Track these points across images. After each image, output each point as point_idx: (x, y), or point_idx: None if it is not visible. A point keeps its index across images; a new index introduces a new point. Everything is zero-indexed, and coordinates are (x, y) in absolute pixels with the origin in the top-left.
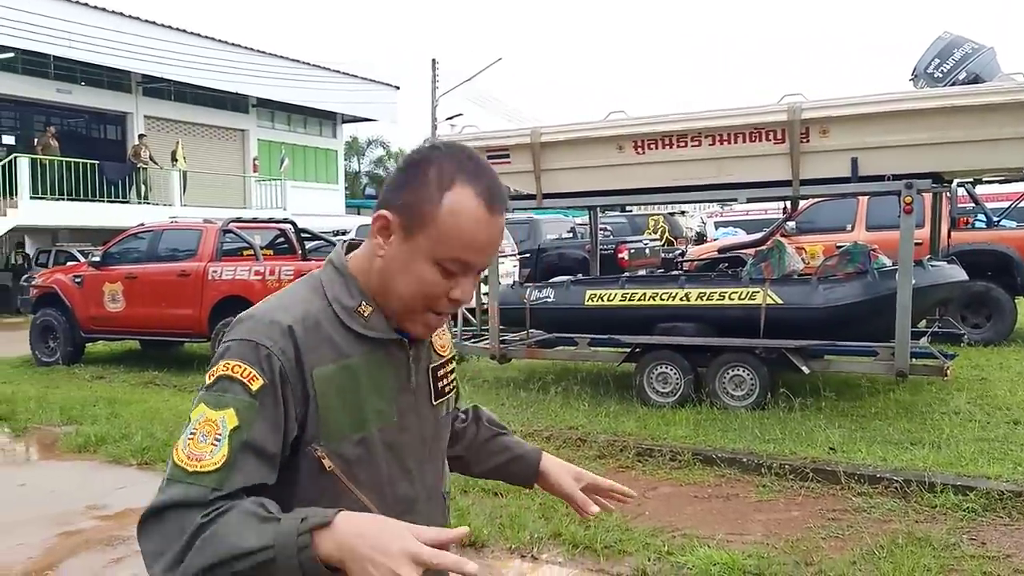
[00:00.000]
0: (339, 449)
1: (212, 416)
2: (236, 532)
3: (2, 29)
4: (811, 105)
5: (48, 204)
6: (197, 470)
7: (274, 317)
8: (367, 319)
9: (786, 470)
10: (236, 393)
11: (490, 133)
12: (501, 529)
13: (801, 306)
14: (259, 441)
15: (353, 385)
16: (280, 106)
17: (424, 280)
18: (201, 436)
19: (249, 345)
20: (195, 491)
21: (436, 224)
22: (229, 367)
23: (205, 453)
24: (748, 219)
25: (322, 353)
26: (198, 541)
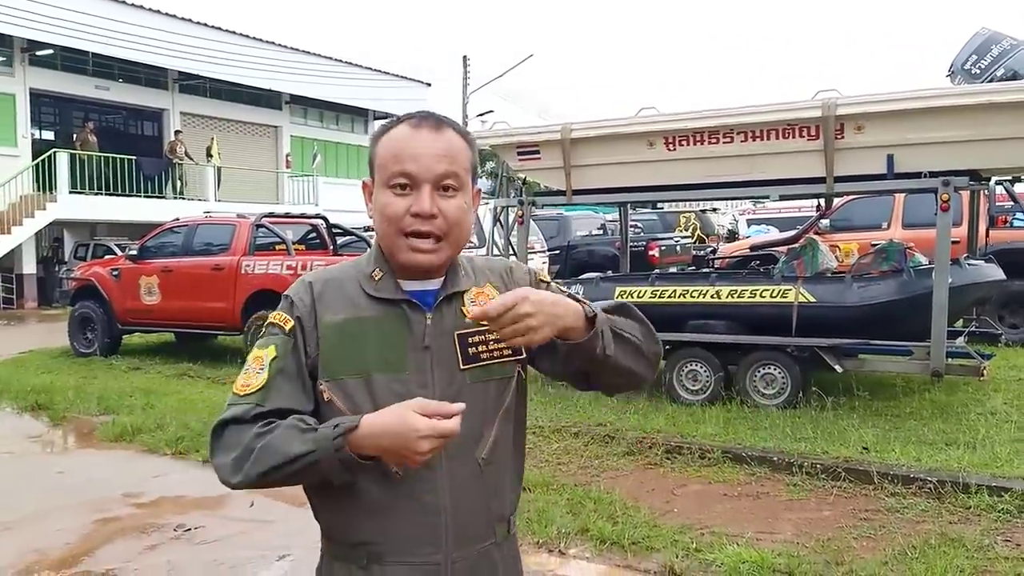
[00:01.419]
0: (341, 386)
1: (259, 353)
2: (285, 442)
3: (42, 26)
4: (846, 101)
5: (86, 198)
6: (246, 392)
7: (306, 277)
8: (377, 283)
9: (818, 469)
10: (276, 333)
11: (520, 129)
12: (529, 523)
13: (834, 304)
14: (291, 370)
15: (360, 334)
16: (313, 103)
17: (384, 206)
18: (251, 368)
19: (286, 299)
20: (242, 408)
21: (377, 158)
22: (274, 316)
23: (252, 379)
24: (781, 217)
25: (336, 307)
26: (255, 452)
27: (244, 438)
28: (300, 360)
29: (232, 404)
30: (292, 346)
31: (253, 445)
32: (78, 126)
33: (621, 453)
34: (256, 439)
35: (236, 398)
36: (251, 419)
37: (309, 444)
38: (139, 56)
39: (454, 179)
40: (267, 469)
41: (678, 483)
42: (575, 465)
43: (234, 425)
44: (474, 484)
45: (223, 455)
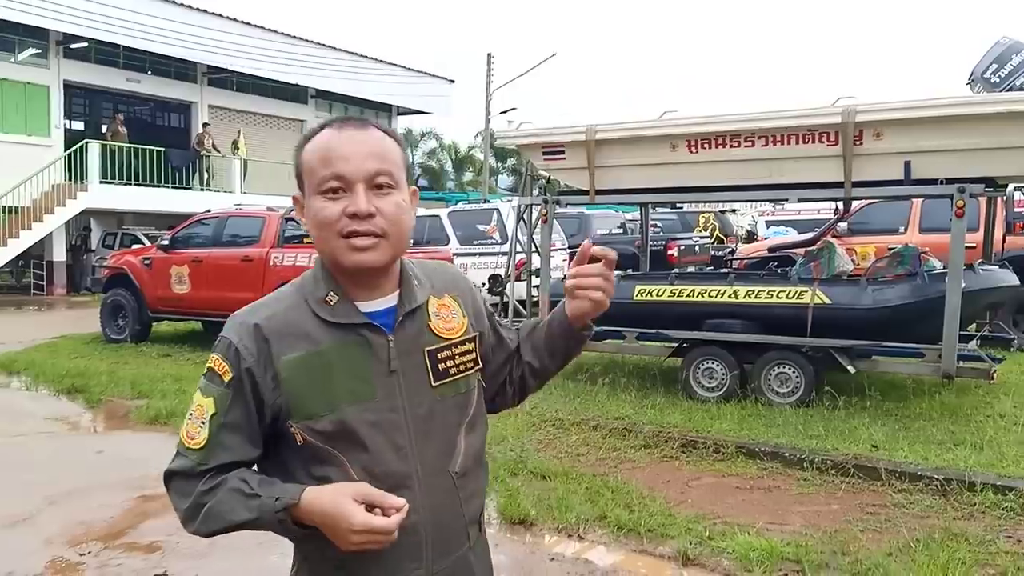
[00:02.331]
0: (314, 425)
1: (201, 402)
2: (228, 508)
3: (77, 20)
4: (866, 108)
5: (115, 188)
6: (190, 447)
7: (246, 318)
8: (333, 307)
9: (827, 465)
10: (216, 384)
11: (545, 130)
12: (549, 510)
13: (849, 306)
14: (233, 424)
15: (324, 368)
16: (338, 98)
17: (318, 212)
18: (195, 418)
19: (225, 342)
20: (188, 463)
21: (304, 166)
22: (212, 360)
23: (196, 433)
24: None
25: (291, 343)
26: (203, 511)
27: (192, 491)
28: (247, 409)
29: (180, 454)
30: (233, 399)
31: (200, 502)
32: (109, 117)
33: (638, 446)
34: (202, 496)
35: (182, 447)
36: (196, 475)
37: (254, 512)
38: (169, 50)
39: (387, 176)
40: (217, 530)
41: (693, 476)
42: (593, 456)
43: (180, 479)
44: (450, 498)
45: (179, 502)
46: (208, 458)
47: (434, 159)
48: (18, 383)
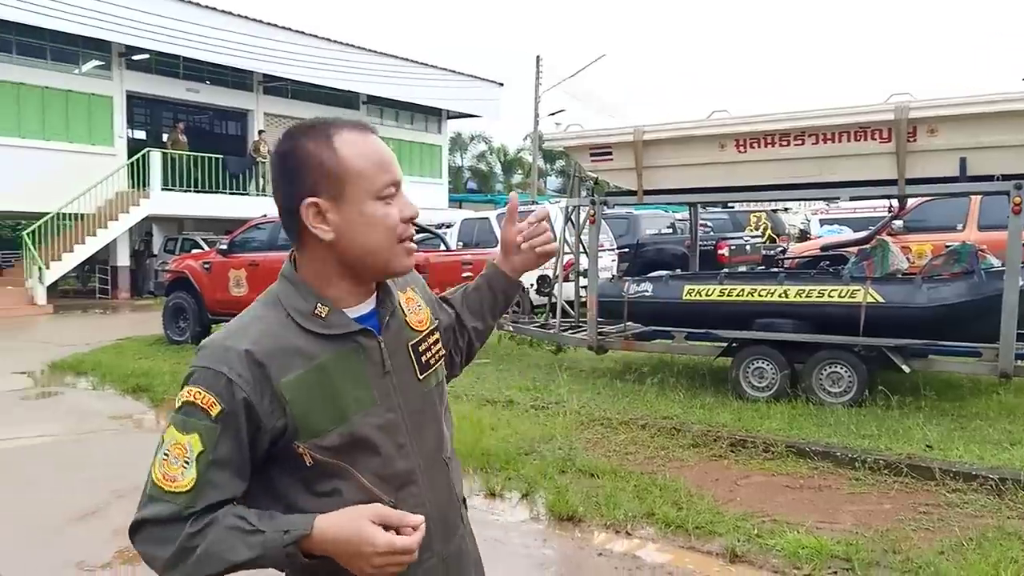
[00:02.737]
0: (321, 441)
1: (180, 440)
2: (227, 547)
3: (139, 32)
4: (919, 104)
5: (176, 195)
6: (171, 490)
7: (231, 344)
8: (325, 319)
9: (880, 465)
10: (199, 418)
11: (593, 131)
12: (597, 507)
13: (903, 305)
14: (224, 460)
15: (326, 382)
16: (388, 103)
17: (382, 217)
18: (173, 458)
19: (210, 373)
20: (171, 508)
21: (350, 170)
22: (192, 394)
23: (177, 475)
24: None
25: (287, 363)
26: (195, 554)
27: (175, 536)
28: (237, 443)
29: (156, 499)
30: (222, 434)
31: (188, 546)
32: (169, 126)
33: (687, 445)
34: (190, 539)
35: (159, 492)
36: (182, 519)
37: (257, 549)
38: (227, 60)
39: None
40: (212, 573)
41: (742, 474)
42: (642, 455)
43: (156, 526)
44: (447, 484)
45: (156, 550)
46: (196, 500)
47: (483, 162)
48: (86, 383)
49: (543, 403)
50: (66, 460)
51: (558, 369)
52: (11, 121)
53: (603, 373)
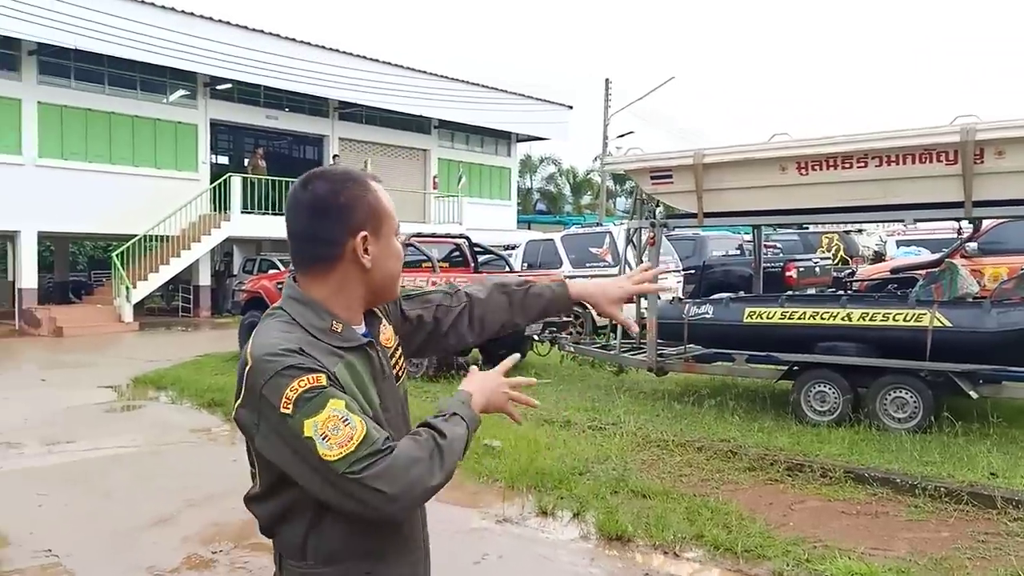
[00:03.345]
0: None
1: (322, 416)
2: (455, 432)
3: (222, 63)
4: (986, 126)
5: (255, 218)
6: (359, 442)
7: (283, 347)
8: (340, 333)
9: (941, 492)
10: (320, 392)
11: (653, 155)
12: (647, 527)
13: (972, 330)
14: (356, 408)
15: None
16: (459, 127)
17: (397, 250)
18: (332, 430)
19: (293, 368)
20: (371, 450)
21: (387, 211)
22: (295, 389)
23: (349, 432)
24: (934, 238)
25: (329, 359)
26: (443, 452)
27: (412, 452)
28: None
29: (352, 462)
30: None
31: (437, 448)
32: (249, 152)
33: (742, 468)
34: (424, 444)
35: (352, 454)
36: (385, 450)
37: (463, 424)
38: (305, 88)
39: None
40: (461, 454)
41: (797, 499)
42: (696, 477)
43: (383, 459)
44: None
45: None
46: (380, 433)
47: (552, 184)
48: (165, 397)
49: (600, 424)
50: (144, 470)
51: (616, 390)
52: (103, 148)
53: (662, 395)
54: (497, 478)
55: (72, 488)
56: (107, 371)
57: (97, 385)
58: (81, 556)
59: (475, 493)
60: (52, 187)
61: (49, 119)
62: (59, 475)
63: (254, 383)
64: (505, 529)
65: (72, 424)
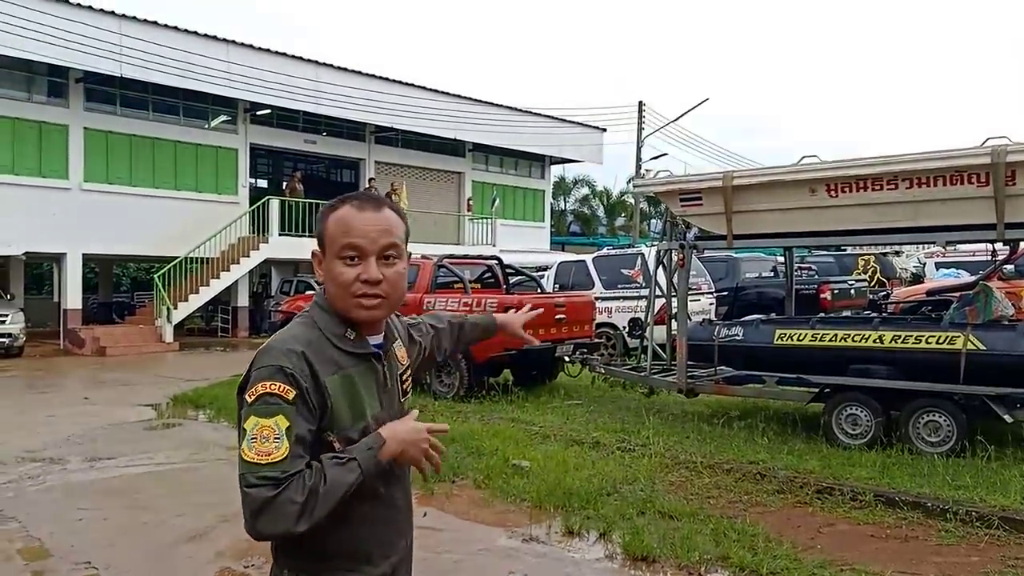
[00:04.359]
0: (346, 435)
1: (266, 423)
2: (339, 476)
3: (262, 90)
4: (1017, 148)
5: (292, 240)
6: (268, 461)
7: (288, 346)
8: (353, 341)
9: (972, 517)
10: (279, 403)
11: (682, 177)
12: (672, 548)
13: (1006, 353)
14: (302, 436)
15: (353, 388)
16: (493, 150)
17: (336, 273)
18: (262, 438)
19: (276, 368)
20: (270, 475)
21: (327, 233)
22: (267, 387)
23: (272, 449)
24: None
25: (326, 367)
26: (318, 497)
27: (293, 495)
28: (308, 423)
29: (256, 474)
30: (297, 413)
31: (312, 492)
32: (287, 175)
33: (771, 491)
34: (308, 489)
35: (257, 467)
36: (279, 481)
37: (356, 471)
38: (342, 112)
39: (394, 249)
40: (334, 504)
41: (825, 522)
42: (724, 499)
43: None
44: (408, 486)
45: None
46: (290, 468)
47: (586, 206)
48: (203, 416)
49: (629, 445)
50: (180, 486)
51: (646, 412)
52: (147, 173)
53: (692, 416)
54: (525, 498)
55: (112, 503)
56: (147, 390)
57: (138, 403)
58: (119, 568)
59: (503, 512)
60: (97, 211)
61: (95, 145)
62: (99, 490)
63: (253, 362)
64: (532, 548)
65: (113, 441)
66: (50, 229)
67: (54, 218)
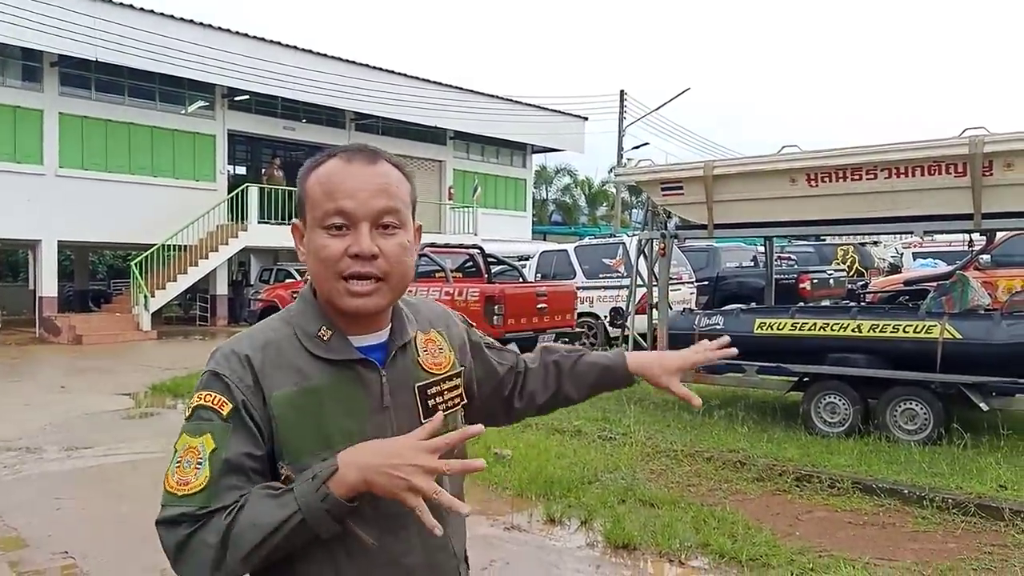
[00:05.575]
0: (305, 466)
1: (193, 443)
2: (261, 514)
3: (240, 75)
4: (994, 138)
5: (271, 228)
6: (185, 493)
7: (236, 348)
8: (327, 342)
9: (949, 504)
10: (210, 419)
11: (663, 166)
12: (653, 536)
13: (982, 341)
14: (236, 459)
15: (315, 406)
16: (475, 138)
17: (319, 248)
18: (185, 462)
19: (214, 376)
20: (184, 510)
21: (308, 196)
22: (201, 397)
23: (190, 477)
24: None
25: (281, 377)
26: (230, 539)
27: (207, 536)
28: (252, 443)
29: (170, 505)
30: (233, 432)
31: (225, 536)
32: (266, 163)
33: (750, 479)
34: (227, 529)
35: (172, 498)
36: (197, 519)
37: (291, 506)
38: (321, 99)
39: (394, 215)
40: (250, 549)
41: (804, 509)
42: (704, 487)
43: (179, 526)
44: (442, 537)
45: (190, 564)
46: (211, 500)
47: (568, 195)
48: (182, 405)
49: (611, 434)
50: (159, 475)
51: (627, 401)
52: (123, 159)
53: (672, 406)
54: (507, 486)
55: (89, 492)
56: (125, 379)
57: (115, 392)
58: (97, 557)
59: (485, 500)
60: (72, 197)
61: (70, 130)
62: (77, 479)
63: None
64: (513, 536)
65: (90, 430)
66: (24, 215)
67: (28, 204)
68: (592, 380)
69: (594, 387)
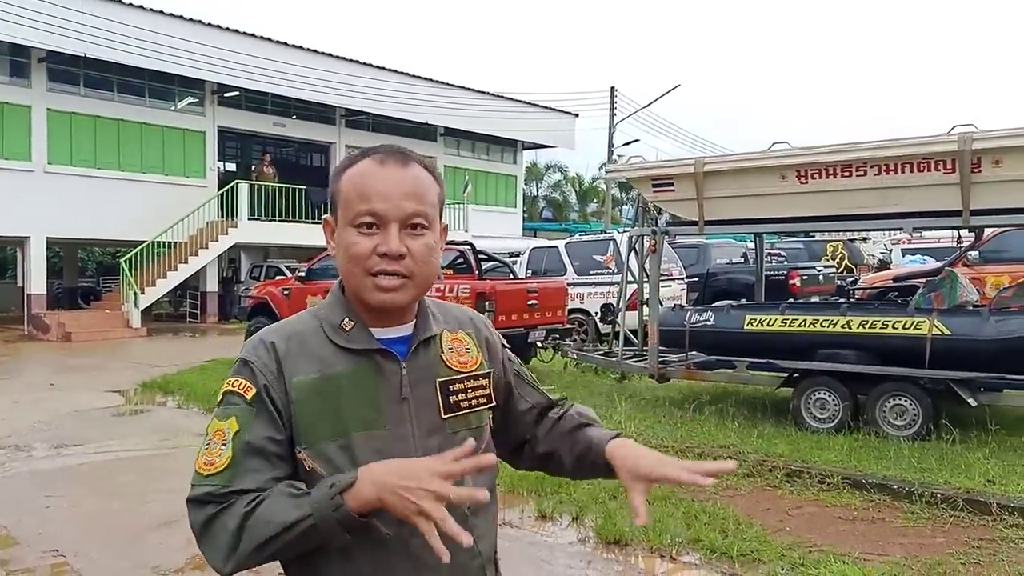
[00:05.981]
0: (321, 451)
1: (220, 426)
2: (279, 511)
3: (230, 71)
4: (983, 135)
5: (261, 224)
6: (211, 472)
7: (264, 336)
8: (349, 333)
9: (937, 499)
10: (236, 403)
11: (654, 163)
12: (644, 531)
13: (970, 337)
14: (258, 442)
15: (334, 393)
16: (465, 135)
17: (350, 245)
18: (213, 444)
19: (242, 362)
20: (208, 489)
21: (341, 195)
22: (231, 383)
23: (215, 457)
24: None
25: (304, 365)
26: (245, 529)
27: (227, 520)
28: (274, 427)
29: (197, 485)
30: (256, 416)
31: (242, 524)
32: (256, 159)
33: (741, 474)
34: (244, 517)
35: (199, 478)
36: (220, 497)
37: (305, 508)
38: (312, 96)
39: (423, 218)
40: (262, 542)
41: (794, 504)
42: None
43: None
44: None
45: (210, 544)
46: (232, 480)
47: (558, 191)
48: (172, 402)
49: None
50: (150, 472)
51: (618, 397)
52: (112, 155)
53: (663, 402)
54: (498, 482)
55: (79, 490)
56: (115, 376)
57: (105, 390)
58: (88, 555)
59: None
60: (61, 193)
61: (58, 126)
62: (67, 477)
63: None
64: (504, 532)
65: (80, 428)
66: (13, 212)
67: (17, 201)
68: (578, 452)
69: (579, 462)
